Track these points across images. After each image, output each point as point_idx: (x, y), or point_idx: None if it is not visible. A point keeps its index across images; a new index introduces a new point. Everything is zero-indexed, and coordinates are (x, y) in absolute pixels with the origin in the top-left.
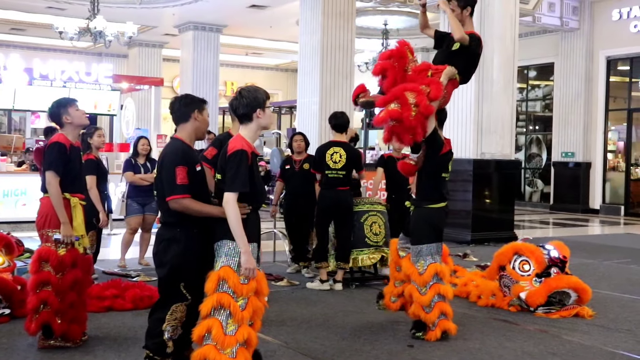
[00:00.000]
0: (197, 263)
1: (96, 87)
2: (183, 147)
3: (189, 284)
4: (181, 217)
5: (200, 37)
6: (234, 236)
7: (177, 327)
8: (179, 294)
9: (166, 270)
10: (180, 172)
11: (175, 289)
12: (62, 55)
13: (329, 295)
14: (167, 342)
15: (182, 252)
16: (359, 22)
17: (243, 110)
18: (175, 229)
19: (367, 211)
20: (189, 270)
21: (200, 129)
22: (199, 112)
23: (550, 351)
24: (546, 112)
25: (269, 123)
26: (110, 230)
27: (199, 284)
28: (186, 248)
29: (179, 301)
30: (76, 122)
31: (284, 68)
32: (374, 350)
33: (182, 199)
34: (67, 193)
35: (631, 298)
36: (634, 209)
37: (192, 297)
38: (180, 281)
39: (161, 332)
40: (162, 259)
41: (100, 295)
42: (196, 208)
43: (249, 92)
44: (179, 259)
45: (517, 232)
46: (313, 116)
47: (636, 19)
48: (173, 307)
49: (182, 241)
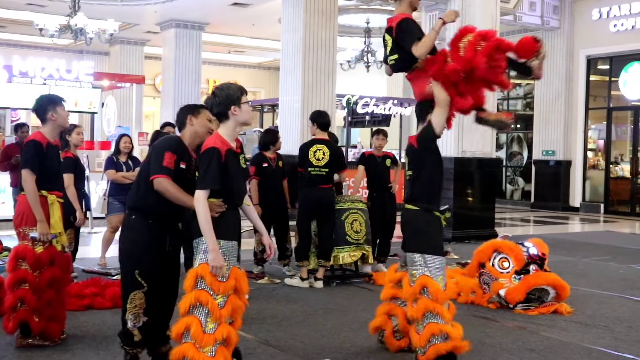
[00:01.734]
0: (150, 252)
1: (77, 85)
2: (180, 141)
3: (143, 271)
4: (140, 204)
5: (182, 35)
6: (203, 233)
7: (139, 314)
8: (135, 282)
9: (122, 256)
10: (169, 156)
11: (131, 276)
12: (43, 52)
13: (310, 293)
14: (132, 330)
15: (134, 240)
16: (341, 20)
17: (217, 109)
18: (132, 215)
19: (348, 209)
20: (141, 258)
21: (198, 132)
22: (193, 116)
23: (528, 347)
24: (527, 111)
25: (247, 119)
26: (91, 229)
27: (155, 273)
28: (138, 235)
29: (136, 289)
30: (60, 121)
31: (267, 66)
32: (353, 348)
33: (164, 179)
34: (45, 191)
35: (609, 295)
36: (613, 207)
37: (148, 285)
38: (134, 268)
39: (125, 321)
40: (119, 245)
41: (79, 294)
42: (173, 191)
43: (222, 90)
44: (130, 245)
45: (498, 230)
46: (295, 114)
47: (616, 18)
48: (131, 295)
49: (135, 228)
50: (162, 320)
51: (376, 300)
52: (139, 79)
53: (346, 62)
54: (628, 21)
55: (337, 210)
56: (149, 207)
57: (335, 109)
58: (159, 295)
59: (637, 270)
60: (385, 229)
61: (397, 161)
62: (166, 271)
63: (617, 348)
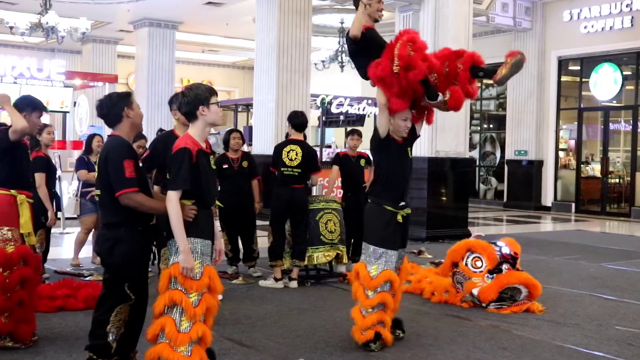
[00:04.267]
0: (141, 264)
1: (48, 84)
2: (125, 142)
3: (133, 284)
4: (125, 216)
5: (156, 34)
6: (174, 234)
7: (121, 327)
8: (124, 295)
9: (112, 272)
10: (128, 165)
11: (120, 289)
12: (13, 50)
13: (284, 293)
14: (112, 343)
15: (127, 253)
16: (315, 20)
17: (185, 109)
18: (120, 228)
19: (322, 209)
20: (134, 271)
21: (135, 123)
22: (128, 108)
23: (501, 346)
24: (500, 111)
25: (215, 119)
26: (63, 229)
27: (142, 283)
28: (131, 248)
29: (124, 302)
30: (29, 128)
31: (241, 65)
32: (328, 348)
33: (133, 193)
34: (14, 190)
35: (579, 293)
36: (584, 206)
37: (135, 297)
38: (125, 281)
39: (105, 334)
40: (106, 260)
41: (51, 295)
42: (147, 204)
43: (190, 90)
44: (124, 259)
45: (471, 229)
46: (270, 114)
47: (586, 20)
48: (117, 308)
49: (127, 241)
50: (137, 329)
51: (350, 300)
52: (111, 78)
53: (320, 62)
54: (598, 23)
55: (312, 210)
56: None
57: (309, 108)
58: (139, 305)
59: (607, 269)
60: (359, 229)
61: (371, 161)
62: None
63: (587, 346)
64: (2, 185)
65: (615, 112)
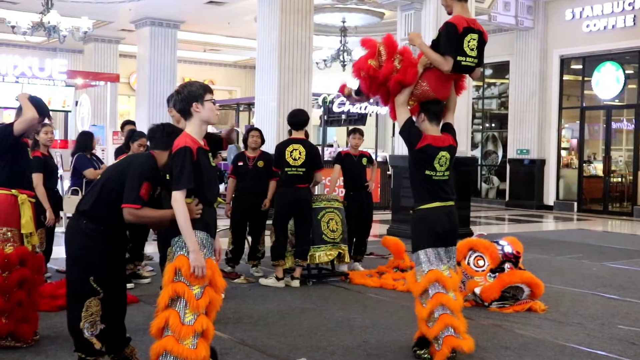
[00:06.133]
0: (104, 258)
1: (50, 83)
2: (154, 165)
3: (98, 278)
4: (93, 213)
5: (157, 33)
6: (183, 235)
7: (95, 322)
8: (91, 289)
9: (72, 263)
10: (146, 187)
11: (85, 283)
12: (15, 50)
13: (286, 293)
14: (90, 339)
15: (87, 245)
16: (317, 19)
17: (180, 106)
18: (81, 220)
19: (324, 208)
20: (95, 264)
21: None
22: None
23: (503, 345)
24: (502, 110)
25: (210, 117)
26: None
27: (109, 280)
28: (91, 241)
29: (92, 295)
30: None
31: (242, 65)
32: (330, 347)
33: (137, 210)
34: (15, 189)
35: (582, 292)
36: (586, 205)
37: (104, 292)
38: (89, 275)
39: (80, 331)
40: (67, 252)
41: (53, 294)
42: (149, 214)
43: (184, 87)
44: (83, 251)
45: (474, 229)
46: (271, 113)
47: (588, 18)
48: (86, 302)
49: (87, 234)
50: (118, 324)
51: (352, 299)
52: (113, 77)
53: (322, 61)
54: (600, 21)
55: (314, 209)
56: (102, 216)
57: (311, 107)
58: (113, 301)
59: (610, 268)
60: (361, 228)
61: (373, 160)
62: (117, 276)
63: (590, 345)
64: (3, 185)
65: (617, 111)
